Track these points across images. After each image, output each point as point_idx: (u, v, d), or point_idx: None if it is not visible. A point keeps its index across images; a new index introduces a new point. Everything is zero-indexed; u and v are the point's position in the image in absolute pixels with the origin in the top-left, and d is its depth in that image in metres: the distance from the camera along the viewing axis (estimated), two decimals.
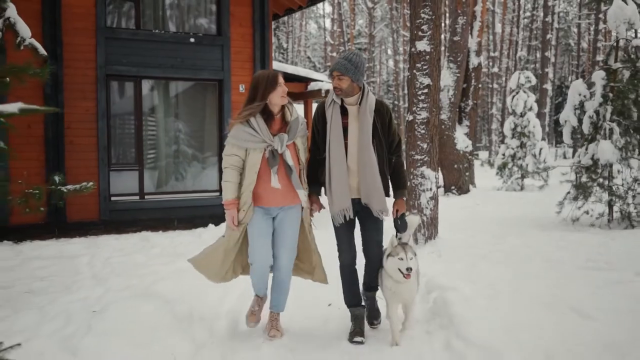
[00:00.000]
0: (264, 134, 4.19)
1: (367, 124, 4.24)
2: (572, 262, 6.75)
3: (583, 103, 10.13)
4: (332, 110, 4.32)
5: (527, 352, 3.80)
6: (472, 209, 12.18)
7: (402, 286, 4.17)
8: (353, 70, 4.21)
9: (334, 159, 4.27)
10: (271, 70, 4.25)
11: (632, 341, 3.99)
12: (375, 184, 4.25)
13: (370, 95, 4.34)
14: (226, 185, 4.26)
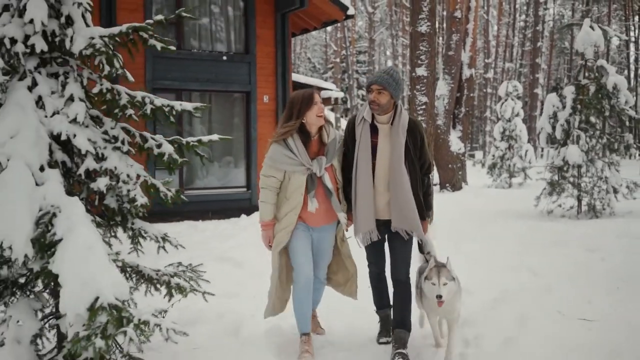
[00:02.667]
0: (302, 157, 4.07)
1: (399, 145, 4.02)
2: (538, 242, 8.59)
3: (556, 113, 11.97)
4: (361, 128, 4.14)
5: (493, 292, 5.64)
6: (464, 203, 14.02)
7: (444, 308, 3.94)
8: (394, 85, 4.03)
9: (360, 180, 4.10)
10: (308, 89, 4.28)
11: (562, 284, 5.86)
12: (409, 207, 4.05)
13: (403, 114, 4.13)
14: (263, 206, 4.19)
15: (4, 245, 2.90)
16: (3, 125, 3.08)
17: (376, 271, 4.46)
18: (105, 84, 3.41)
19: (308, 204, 4.14)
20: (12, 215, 2.94)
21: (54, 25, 3.25)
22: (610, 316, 4.88)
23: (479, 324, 4.72)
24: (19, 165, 3.03)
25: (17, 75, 3.25)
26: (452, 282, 3.93)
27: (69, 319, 2.82)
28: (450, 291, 3.90)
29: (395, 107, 4.15)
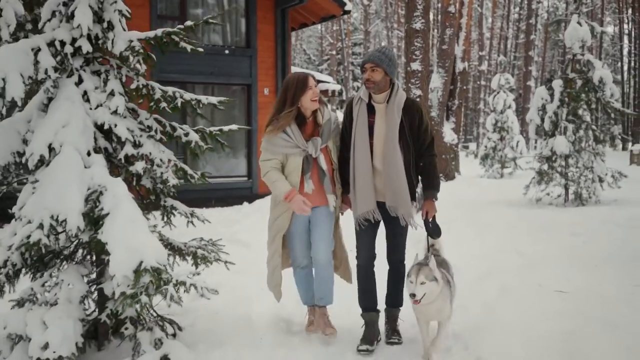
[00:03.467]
0: (297, 140, 4.07)
1: (394, 124, 3.98)
2: (525, 227, 9.15)
3: (545, 106, 12.51)
4: (358, 108, 4.12)
5: (479, 269, 6.19)
6: (456, 193, 14.56)
7: (429, 308, 3.80)
8: (387, 62, 3.99)
9: (359, 160, 4.06)
10: (302, 72, 4.21)
11: (543, 263, 6.41)
12: (401, 187, 4.00)
13: (400, 93, 4.09)
14: (276, 184, 4.11)
15: (60, 218, 3.41)
16: (56, 116, 3.59)
17: (364, 262, 4.26)
18: (141, 80, 3.92)
19: (304, 185, 4.14)
20: (66, 194, 3.45)
21: (98, 29, 3.75)
22: (584, 289, 5.42)
23: (465, 296, 5.23)
24: (70, 150, 3.54)
25: (66, 73, 3.76)
26: (433, 283, 3.69)
27: (118, 280, 3.34)
28: (431, 292, 3.70)
29: (392, 86, 4.10)
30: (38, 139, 3.56)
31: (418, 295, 3.66)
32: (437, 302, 3.78)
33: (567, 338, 4.05)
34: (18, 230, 3.54)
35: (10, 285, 3.87)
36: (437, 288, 3.73)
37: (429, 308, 3.80)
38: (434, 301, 3.76)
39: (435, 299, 3.76)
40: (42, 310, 3.61)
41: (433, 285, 3.71)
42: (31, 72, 3.56)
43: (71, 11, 3.69)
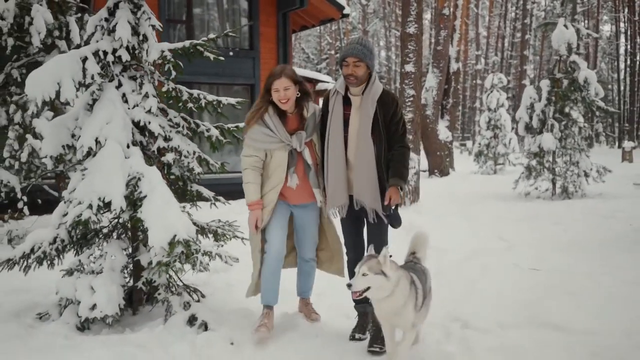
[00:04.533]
0: (280, 134, 4.03)
1: (367, 116, 3.93)
2: (511, 218, 9.85)
3: (533, 104, 13.20)
4: (334, 101, 4.06)
5: (463, 252, 6.87)
6: (450, 187, 15.26)
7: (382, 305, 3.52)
8: (370, 55, 3.93)
9: (332, 152, 4.01)
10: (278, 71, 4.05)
11: (522, 246, 7.11)
12: (370, 180, 3.95)
13: (375, 85, 4.01)
14: (248, 186, 4.10)
15: (106, 200, 4.09)
16: (101, 114, 4.27)
17: (354, 258, 4.12)
18: (170, 84, 4.60)
19: (288, 180, 4.11)
20: (111, 179, 4.14)
21: (135, 41, 4.43)
22: (555, 268, 6.11)
23: (450, 274, 5.94)
24: (113, 143, 4.22)
25: (108, 78, 4.44)
26: (379, 277, 3.38)
27: (155, 251, 4.02)
28: (378, 288, 3.39)
29: (369, 78, 4.03)
30: (86, 134, 4.24)
31: (355, 286, 3.38)
32: (392, 303, 3.45)
33: (533, 304, 4.75)
34: (70, 210, 4.21)
35: (58, 258, 4.55)
36: (385, 284, 3.39)
37: (385, 309, 3.51)
38: (386, 301, 3.45)
39: (387, 299, 3.44)
40: (89, 277, 4.30)
41: (379, 279, 3.38)
42: (80, 77, 4.24)
43: (112, 25, 4.37)
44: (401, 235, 7.01)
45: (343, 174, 4.04)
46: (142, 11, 4.46)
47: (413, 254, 4.07)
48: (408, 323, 3.56)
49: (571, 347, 3.81)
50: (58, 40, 7.64)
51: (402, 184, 3.94)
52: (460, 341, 3.84)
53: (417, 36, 9.92)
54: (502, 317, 4.44)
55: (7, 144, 7.36)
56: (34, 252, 4.44)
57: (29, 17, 7.32)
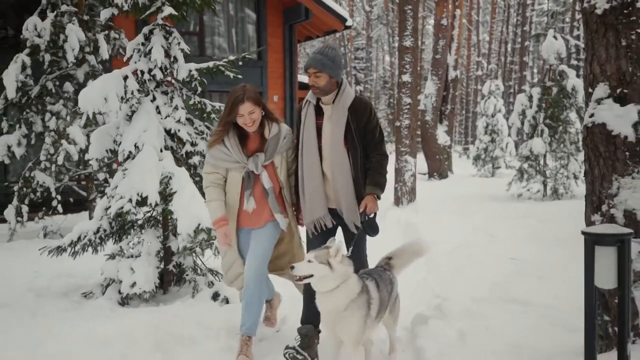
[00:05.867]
0: (236, 154, 3.91)
1: (339, 124, 3.81)
2: (502, 216, 10.61)
3: (525, 111, 14.00)
4: (306, 111, 3.95)
5: (452, 244, 7.66)
6: (447, 189, 16.04)
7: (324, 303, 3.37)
8: (330, 65, 3.78)
9: (307, 164, 3.89)
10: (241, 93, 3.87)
11: (507, 240, 7.89)
12: (347, 190, 3.83)
13: (346, 93, 3.88)
14: (211, 204, 3.97)
15: (143, 195, 4.93)
16: (139, 124, 5.11)
17: None
18: (196, 98, 5.44)
19: (244, 203, 3.97)
20: (147, 178, 4.96)
21: (167, 62, 5.27)
22: (533, 258, 6.86)
23: (438, 262, 6.72)
24: (149, 148, 5.05)
25: (144, 93, 5.28)
26: (323, 267, 3.27)
27: (183, 237, 4.84)
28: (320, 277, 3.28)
29: (340, 86, 3.91)
30: (127, 140, 5.08)
31: (297, 269, 3.29)
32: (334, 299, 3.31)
33: (506, 284, 5.54)
34: (112, 204, 5.05)
35: (101, 246, 5.38)
36: (329, 276, 3.27)
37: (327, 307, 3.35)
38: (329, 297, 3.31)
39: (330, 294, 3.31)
40: (129, 260, 5.13)
41: (322, 269, 3.27)
42: (122, 92, 5.08)
43: (148, 49, 5.21)
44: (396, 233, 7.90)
45: (320, 184, 3.90)
46: (173, 37, 5.31)
47: (389, 258, 3.94)
48: (352, 334, 3.32)
49: (531, 317, 4.58)
50: (88, 55, 8.47)
51: (379, 192, 3.86)
52: (436, 308, 4.64)
53: (413, 49, 10.75)
54: (477, 294, 5.23)
55: (43, 149, 8.21)
56: (80, 240, 5.27)
57: (63, 35, 8.17)
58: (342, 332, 3.36)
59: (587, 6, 3.35)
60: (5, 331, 4.37)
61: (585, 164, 3.46)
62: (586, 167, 3.46)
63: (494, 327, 4.18)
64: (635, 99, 3.23)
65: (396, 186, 11.40)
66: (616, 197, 3.28)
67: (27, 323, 4.60)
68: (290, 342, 3.91)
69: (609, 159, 3.29)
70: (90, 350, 3.81)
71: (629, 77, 3.23)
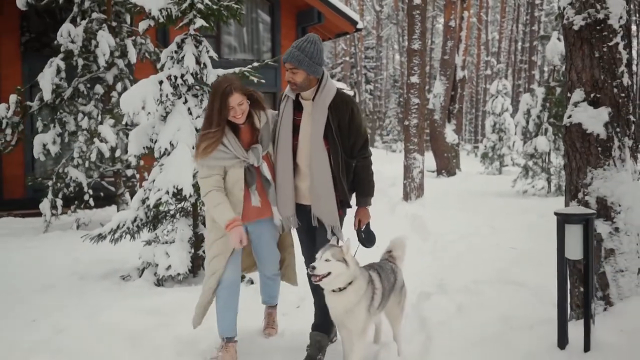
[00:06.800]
0: (235, 149, 3.72)
1: (318, 122, 3.63)
2: (505, 211, 11.15)
3: (530, 110, 14.52)
4: (284, 105, 3.77)
5: (455, 235, 8.22)
6: (455, 186, 16.57)
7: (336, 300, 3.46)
8: (307, 62, 3.55)
9: (280, 161, 3.75)
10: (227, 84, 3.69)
11: (507, 232, 8.43)
12: (326, 193, 3.67)
13: (327, 88, 3.68)
14: (219, 208, 3.71)
15: (179, 187, 5.53)
16: (173, 124, 5.71)
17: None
18: None
19: (252, 199, 3.82)
20: (182, 172, 5.56)
21: (197, 68, 5.87)
22: (531, 247, 7.39)
23: (442, 251, 7.30)
24: (183, 145, 5.65)
25: (177, 96, 5.88)
26: (340, 264, 3.35)
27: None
28: (337, 275, 3.35)
29: (320, 81, 3.69)
30: (163, 138, 5.68)
31: (318, 269, 3.32)
32: (346, 297, 3.42)
33: (503, 270, 6.09)
34: (151, 195, 5.66)
35: (137, 234, 5.99)
36: (345, 272, 3.38)
37: (337, 301, 3.45)
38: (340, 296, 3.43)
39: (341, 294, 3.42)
40: (164, 246, 5.74)
41: (340, 267, 3.36)
42: (158, 96, 5.69)
43: (181, 57, 5.82)
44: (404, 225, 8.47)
45: (290, 183, 3.77)
46: (203, 45, 5.91)
47: (389, 252, 4.10)
48: (358, 325, 3.46)
49: (523, 295, 5.14)
50: (117, 59, 9.10)
51: (370, 201, 3.89)
52: (438, 286, 5.24)
53: (421, 52, 11.32)
54: (476, 277, 5.79)
55: (77, 146, 8.85)
56: (119, 228, 5.89)
57: (94, 41, 8.80)
58: (349, 323, 3.48)
59: (566, 23, 3.92)
60: (60, 307, 4.99)
61: (565, 158, 4.02)
62: (565, 161, 4.01)
63: (489, 302, 4.77)
64: (606, 102, 3.79)
65: (405, 182, 11.98)
66: (590, 186, 3.84)
67: (77, 300, 5.23)
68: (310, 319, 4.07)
69: (584, 153, 3.85)
70: (141, 318, 4.42)
71: (601, 84, 3.80)
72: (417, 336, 4.23)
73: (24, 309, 4.96)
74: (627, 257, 3.78)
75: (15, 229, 9.42)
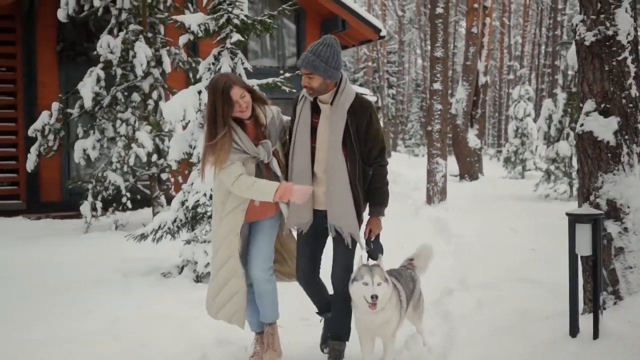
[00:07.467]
0: (245, 145, 3.61)
1: (337, 127, 3.57)
2: (526, 214, 11.41)
3: (551, 115, 14.75)
4: (301, 107, 3.70)
5: (477, 237, 8.53)
6: (477, 189, 16.82)
7: (375, 317, 3.44)
8: (323, 67, 3.48)
9: (296, 164, 3.66)
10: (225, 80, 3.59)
11: (528, 234, 8.72)
12: (345, 201, 3.59)
13: (346, 92, 3.61)
14: (258, 184, 3.54)
15: None
16: None
17: (302, 278, 3.85)
18: None
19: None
20: None
21: None
22: (549, 248, 7.66)
23: (464, 251, 7.62)
24: None
25: None
26: (386, 285, 3.40)
27: None
28: (385, 294, 3.38)
29: (339, 83, 3.62)
30: (201, 144, 6.10)
31: (381, 296, 3.34)
32: (385, 311, 3.45)
33: (522, 268, 6.42)
34: (189, 197, 6.09)
35: (177, 233, 6.42)
36: (389, 291, 3.43)
37: (375, 318, 3.46)
38: (379, 313, 3.43)
39: (380, 311, 3.43)
40: (203, 245, 6.16)
41: (386, 287, 3.40)
42: (197, 105, 6.11)
43: (218, 68, 6.24)
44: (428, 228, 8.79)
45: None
46: (238, 57, 6.34)
47: (411, 260, 4.14)
48: (391, 332, 3.55)
49: (540, 291, 5.45)
50: (152, 68, 9.58)
51: (383, 211, 3.78)
52: (459, 283, 5.59)
53: (443, 59, 11.66)
54: (495, 274, 6.12)
55: (115, 151, 9.34)
56: (160, 228, 6.33)
57: (132, 51, 9.29)
58: (384, 331, 3.54)
59: (578, 38, 4.24)
60: (110, 300, 5.43)
61: (578, 164, 4.34)
62: (578, 166, 4.33)
63: (507, 297, 5.11)
64: (615, 112, 4.12)
65: (428, 186, 12.31)
66: (601, 189, 4.16)
67: (125, 294, 5.66)
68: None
69: (595, 159, 4.17)
70: (185, 310, 4.84)
71: (611, 95, 4.12)
72: (441, 328, 4.58)
73: (78, 301, 5.41)
74: (635, 255, 4.09)
75: (56, 230, 9.94)
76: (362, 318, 3.51)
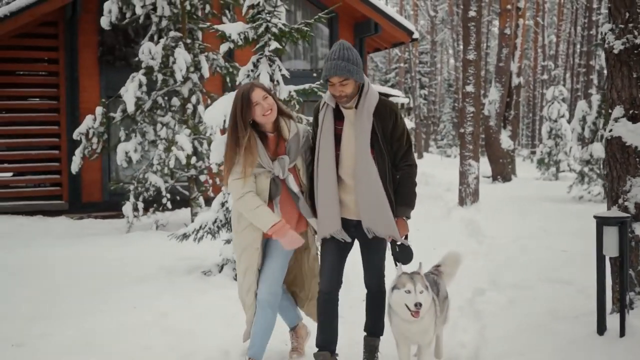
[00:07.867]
0: (262, 159, 3.57)
1: (364, 131, 3.52)
2: (559, 216, 11.43)
3: (585, 117, 14.71)
4: (324, 115, 3.63)
5: (508, 238, 8.63)
6: (510, 191, 16.83)
7: (413, 326, 3.46)
8: (356, 69, 3.46)
9: (322, 173, 3.58)
10: (246, 85, 3.68)
11: (560, 235, 8.79)
12: (379, 204, 3.54)
13: (370, 94, 3.57)
14: (260, 210, 3.52)
15: None
16: None
17: (324, 289, 3.71)
18: (294, 114, 6.69)
19: (274, 212, 3.60)
20: None
21: (271, 85, 6.54)
22: (581, 250, 7.72)
23: (496, 253, 7.75)
24: None
25: None
26: (427, 293, 3.41)
27: None
28: (426, 302, 3.38)
29: (362, 87, 3.57)
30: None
31: (424, 304, 3.34)
32: (424, 319, 3.45)
33: (553, 269, 6.54)
34: (229, 199, 6.35)
35: (217, 233, 6.69)
36: (429, 299, 3.44)
37: (413, 327, 3.46)
38: (421, 318, 3.41)
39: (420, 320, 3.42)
40: None
41: (427, 295, 3.42)
42: None
43: (257, 75, 6.50)
44: (460, 229, 8.93)
45: (335, 197, 3.60)
46: (276, 64, 6.59)
47: (438, 266, 4.11)
48: (429, 339, 3.58)
49: (570, 292, 5.59)
50: (191, 74, 9.91)
51: (409, 213, 3.72)
52: (491, 283, 5.74)
53: (476, 62, 11.78)
54: (527, 276, 6.26)
55: (156, 154, 9.70)
56: (202, 228, 6.61)
57: (172, 58, 9.63)
58: (422, 339, 3.56)
59: (607, 47, 4.38)
60: (156, 296, 5.71)
61: (607, 168, 4.48)
62: (607, 170, 4.47)
63: (538, 297, 5.27)
64: None
65: (460, 188, 12.43)
66: (629, 192, 4.29)
67: (170, 290, 5.94)
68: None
69: (623, 164, 4.31)
70: (229, 305, 5.10)
71: (639, 102, 4.25)
72: (473, 325, 4.77)
73: (124, 297, 5.71)
74: None
75: (99, 229, 10.35)
76: (400, 325, 3.50)
